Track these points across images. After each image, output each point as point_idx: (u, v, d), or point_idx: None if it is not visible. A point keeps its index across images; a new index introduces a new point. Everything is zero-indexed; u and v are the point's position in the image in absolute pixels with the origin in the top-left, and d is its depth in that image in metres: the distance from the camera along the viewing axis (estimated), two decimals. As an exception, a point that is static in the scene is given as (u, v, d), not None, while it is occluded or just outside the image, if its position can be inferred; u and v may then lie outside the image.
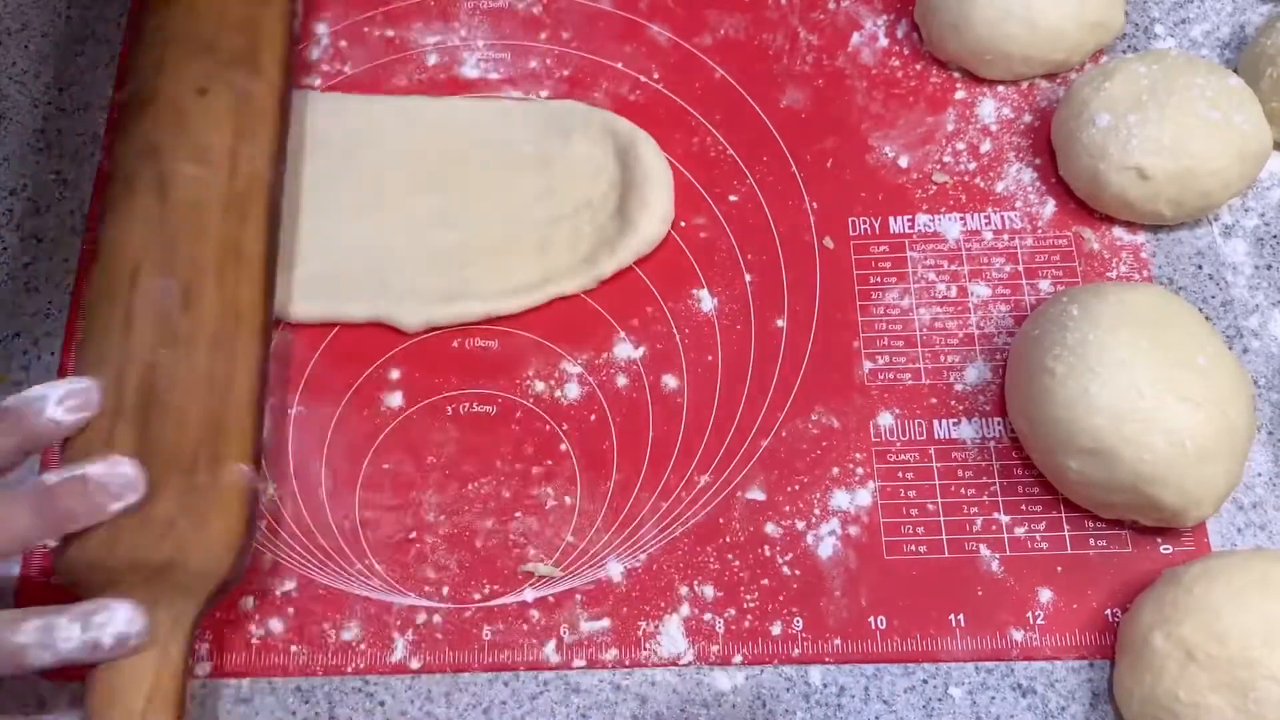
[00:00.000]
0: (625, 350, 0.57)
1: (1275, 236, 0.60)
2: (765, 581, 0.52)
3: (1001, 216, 0.60)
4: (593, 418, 0.56)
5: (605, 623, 0.52)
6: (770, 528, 0.53)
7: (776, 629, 0.52)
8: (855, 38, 0.64)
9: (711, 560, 0.53)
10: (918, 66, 0.64)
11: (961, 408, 0.56)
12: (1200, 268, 0.59)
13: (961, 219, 0.60)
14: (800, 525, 0.53)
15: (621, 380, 0.57)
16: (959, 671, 0.51)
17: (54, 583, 0.48)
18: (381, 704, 0.51)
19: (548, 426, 0.56)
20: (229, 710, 0.51)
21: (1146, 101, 0.57)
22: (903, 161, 0.61)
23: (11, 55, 0.66)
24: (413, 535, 0.54)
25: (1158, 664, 0.47)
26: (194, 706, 0.51)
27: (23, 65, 0.66)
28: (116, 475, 0.46)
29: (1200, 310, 0.57)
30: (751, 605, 0.52)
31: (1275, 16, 0.62)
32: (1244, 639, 0.46)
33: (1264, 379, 0.56)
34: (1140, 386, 0.49)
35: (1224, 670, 0.46)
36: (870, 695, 0.51)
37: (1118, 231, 0.59)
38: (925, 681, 0.51)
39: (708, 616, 0.52)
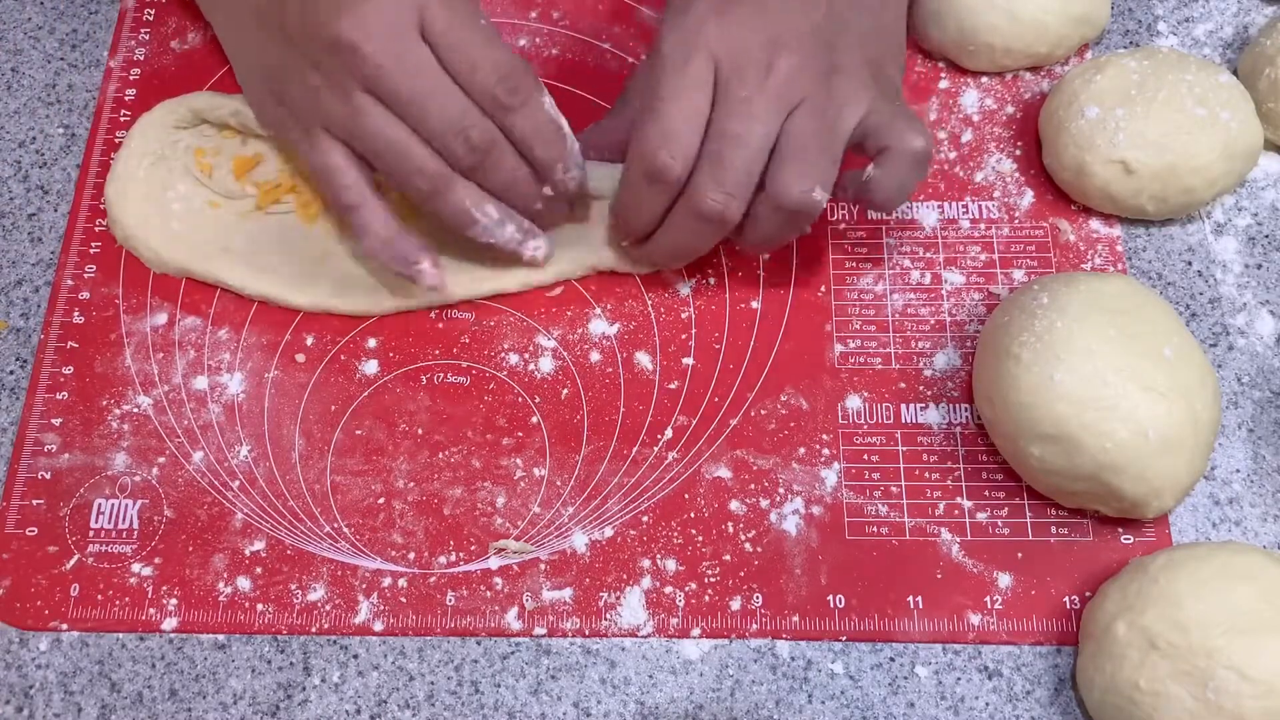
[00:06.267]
0: (600, 326, 0.58)
1: (1267, 236, 0.60)
2: (727, 557, 0.53)
3: (979, 206, 0.60)
4: (565, 392, 0.57)
5: (567, 592, 0.53)
6: (734, 505, 0.54)
7: (736, 604, 0.52)
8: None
9: (675, 535, 0.53)
10: (903, 55, 0.64)
11: (929, 393, 0.56)
12: (1190, 264, 0.59)
13: (939, 207, 0.60)
14: (764, 503, 0.54)
15: (595, 356, 0.57)
16: (926, 651, 0.51)
17: None
18: (355, 657, 0.52)
19: (520, 399, 0.56)
20: (206, 657, 0.52)
21: (1135, 96, 0.57)
22: (884, 149, 0.61)
23: (27, 10, 0.68)
24: (382, 501, 0.54)
25: (1119, 652, 0.47)
26: (170, 652, 0.52)
27: (37, 20, 0.68)
28: None
29: (1188, 306, 0.58)
30: (712, 580, 0.53)
31: (1277, 18, 0.62)
32: (1204, 629, 0.46)
33: (1248, 377, 0.56)
34: (1104, 375, 0.49)
35: (1184, 659, 0.46)
36: (836, 671, 0.51)
37: (1094, 224, 0.59)
38: (892, 659, 0.51)
39: (668, 590, 0.52)
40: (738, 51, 0.50)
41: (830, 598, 0.52)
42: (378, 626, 0.52)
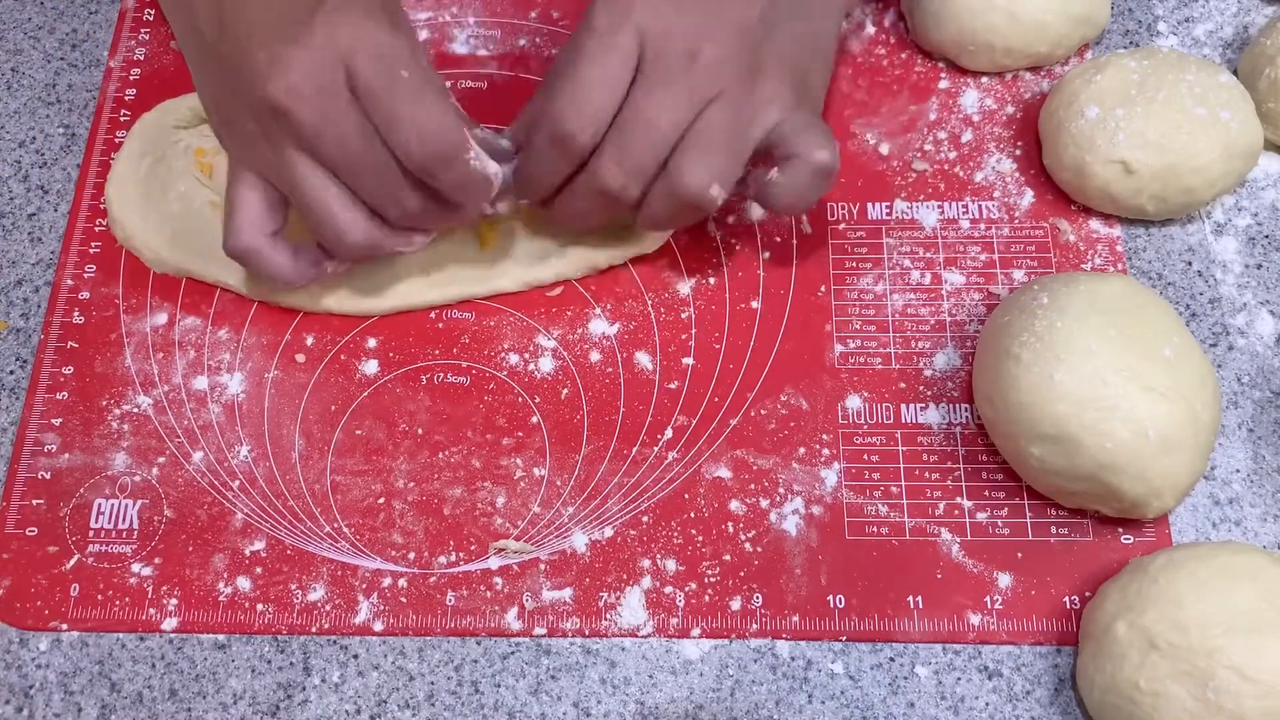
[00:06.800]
0: (600, 326, 0.58)
1: (1267, 236, 0.60)
2: (727, 557, 0.53)
3: (979, 206, 0.60)
4: (565, 392, 0.57)
5: (567, 592, 0.53)
6: (735, 505, 0.54)
7: (736, 604, 0.52)
8: (842, 24, 0.65)
9: (675, 535, 0.53)
10: (903, 55, 0.64)
11: (929, 393, 0.56)
12: (1190, 264, 0.59)
13: (939, 207, 0.60)
14: (764, 503, 0.54)
15: (595, 356, 0.57)
16: (926, 651, 0.51)
17: None
18: (355, 657, 0.52)
19: (520, 399, 0.56)
20: (206, 657, 0.52)
21: (1135, 96, 0.57)
22: (884, 149, 0.61)
23: (27, 10, 0.68)
24: (382, 501, 0.54)
25: (1119, 652, 0.47)
26: (170, 652, 0.52)
27: (37, 20, 0.68)
28: None
29: (1188, 306, 0.58)
30: (712, 580, 0.53)
31: (1277, 18, 0.62)
32: (1204, 629, 0.46)
33: (1248, 377, 0.56)
34: (1104, 375, 0.49)
35: (1184, 659, 0.46)
36: (836, 671, 0.51)
37: (1094, 224, 0.59)
38: (892, 659, 0.51)
39: (668, 590, 0.52)
40: (664, 33, 0.50)
41: (830, 598, 0.52)
42: (378, 626, 0.52)
